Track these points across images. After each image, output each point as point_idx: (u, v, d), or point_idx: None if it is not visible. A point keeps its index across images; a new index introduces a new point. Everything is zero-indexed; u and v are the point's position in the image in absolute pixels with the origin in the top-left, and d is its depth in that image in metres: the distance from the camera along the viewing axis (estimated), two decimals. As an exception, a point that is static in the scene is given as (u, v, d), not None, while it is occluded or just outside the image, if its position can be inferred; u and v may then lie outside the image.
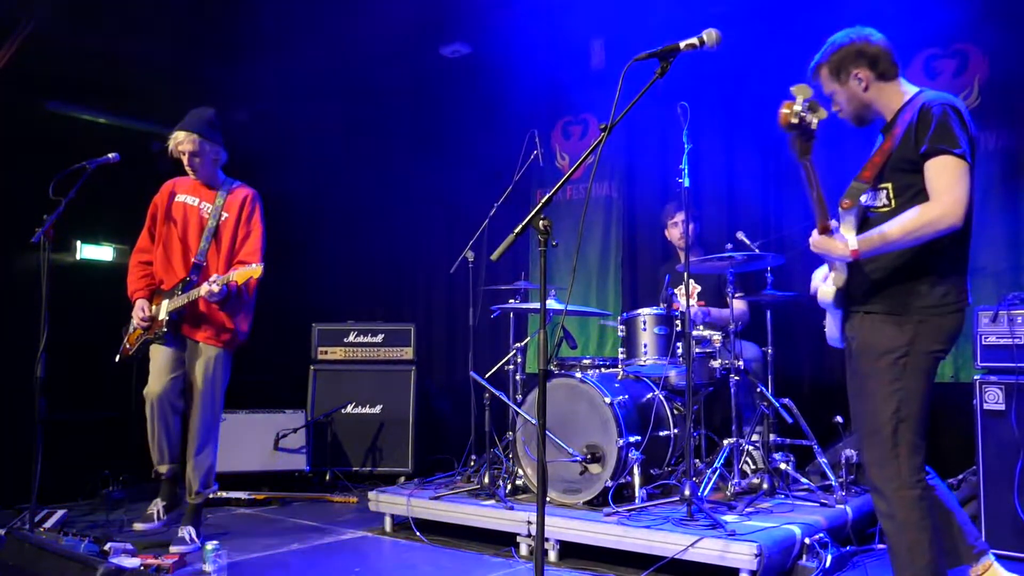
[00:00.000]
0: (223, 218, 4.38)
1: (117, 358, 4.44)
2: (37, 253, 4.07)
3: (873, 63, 2.75)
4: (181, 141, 4.30)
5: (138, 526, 4.27)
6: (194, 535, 4.18)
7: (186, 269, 4.32)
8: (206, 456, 4.31)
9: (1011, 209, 4.61)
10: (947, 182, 2.54)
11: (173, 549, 4.04)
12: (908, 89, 2.78)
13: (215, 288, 4.07)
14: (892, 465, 2.63)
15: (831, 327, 2.96)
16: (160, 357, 4.32)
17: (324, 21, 5.92)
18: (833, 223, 2.72)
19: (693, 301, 5.07)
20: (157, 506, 4.31)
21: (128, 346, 4.43)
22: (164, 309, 4.29)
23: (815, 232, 2.72)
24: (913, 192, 2.63)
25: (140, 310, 4.32)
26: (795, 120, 2.38)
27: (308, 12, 5.78)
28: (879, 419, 2.66)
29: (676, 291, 5.00)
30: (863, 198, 2.71)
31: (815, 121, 2.40)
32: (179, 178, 4.50)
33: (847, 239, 2.64)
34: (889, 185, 2.70)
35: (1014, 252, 4.60)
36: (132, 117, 6.35)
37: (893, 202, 2.69)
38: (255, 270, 4.11)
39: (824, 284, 2.87)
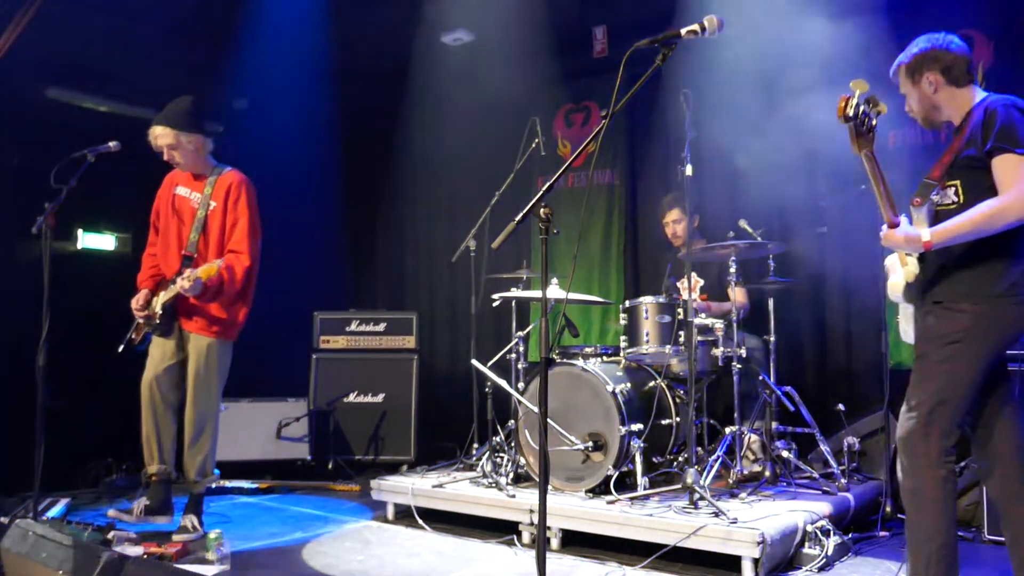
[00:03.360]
0: (211, 207, 4.31)
1: (120, 348, 4.41)
2: (38, 241, 4.07)
3: (947, 69, 2.84)
4: (158, 135, 4.28)
5: (112, 513, 4.19)
6: (196, 523, 4.19)
7: (180, 262, 4.30)
8: (202, 445, 4.26)
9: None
10: (1012, 177, 2.61)
11: (176, 538, 4.05)
12: (978, 94, 2.85)
13: (186, 284, 4.05)
14: (922, 443, 2.69)
15: (904, 324, 3.02)
16: (156, 349, 4.34)
17: (326, 7, 5.90)
18: (903, 219, 2.75)
19: (695, 294, 5.06)
20: (140, 505, 4.23)
21: (134, 337, 4.43)
22: (159, 301, 4.30)
23: (884, 227, 2.77)
24: (981, 189, 2.69)
25: (135, 300, 4.32)
26: (851, 112, 2.49)
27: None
28: (920, 396, 2.73)
29: (679, 283, 4.99)
30: (933, 196, 2.79)
31: (874, 115, 2.51)
32: (178, 170, 4.48)
33: (920, 232, 2.69)
34: (957, 183, 2.77)
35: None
36: (134, 104, 6.33)
37: (961, 198, 2.75)
38: (211, 268, 4.08)
39: (894, 278, 2.94)
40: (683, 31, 2.65)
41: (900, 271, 2.90)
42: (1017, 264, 2.69)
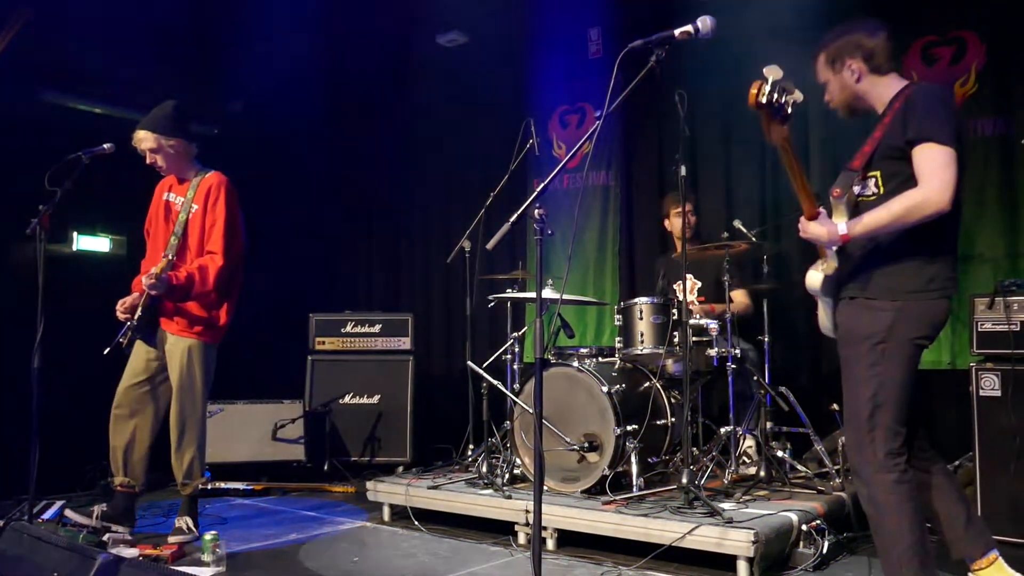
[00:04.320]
0: (193, 210, 4.28)
1: (106, 351, 4.27)
2: (33, 244, 4.06)
3: (869, 56, 2.77)
4: (140, 139, 4.27)
5: (69, 512, 4.15)
6: (192, 525, 4.18)
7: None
8: (186, 449, 4.20)
9: (1007, 196, 4.61)
10: (933, 168, 2.57)
11: (172, 539, 4.05)
12: (900, 82, 2.80)
13: (148, 282, 4.01)
14: (868, 449, 2.65)
15: (823, 316, 2.97)
16: (135, 359, 4.30)
17: (321, 9, 5.90)
18: (822, 211, 2.73)
19: (692, 296, 5.07)
20: (99, 510, 4.16)
21: (122, 340, 4.33)
22: (140, 304, 4.23)
23: (802, 218, 2.73)
24: (901, 179, 2.65)
25: (121, 303, 4.24)
26: (763, 100, 2.40)
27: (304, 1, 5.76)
28: (857, 403, 2.68)
29: (675, 285, 5.00)
30: (854, 187, 2.74)
31: (789, 102, 2.41)
32: (168, 176, 4.47)
33: (837, 224, 2.66)
34: (878, 173, 2.72)
35: (1011, 238, 4.60)
36: (128, 107, 6.32)
37: (882, 189, 2.71)
38: (163, 263, 4.05)
39: (812, 271, 2.88)
40: (677, 32, 2.65)
41: (819, 264, 2.85)
42: (935, 259, 2.66)
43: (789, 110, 2.44)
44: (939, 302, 2.67)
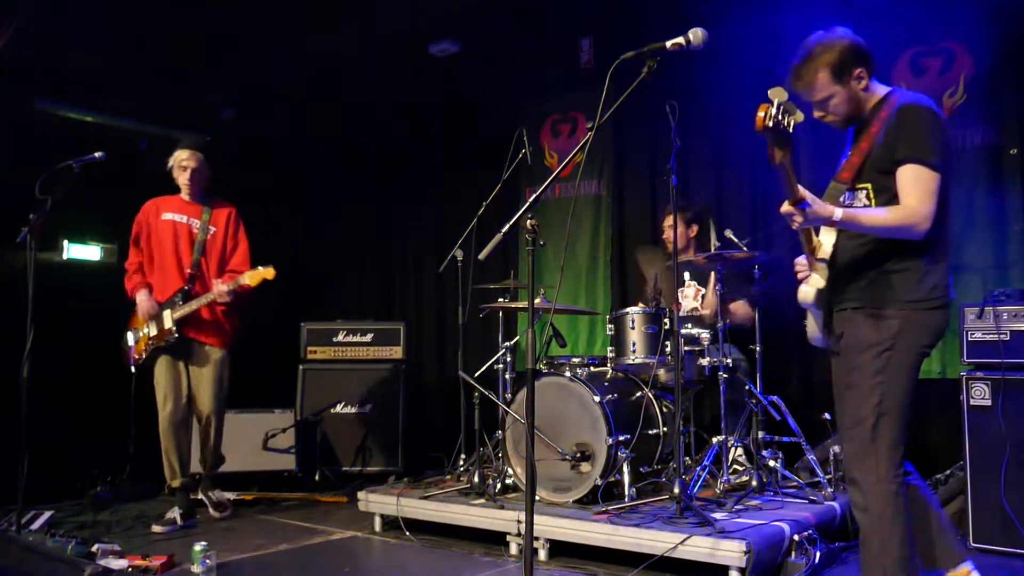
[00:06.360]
0: (211, 232, 4.85)
1: (133, 368, 4.80)
2: (23, 252, 4.05)
3: (868, 62, 2.71)
4: (186, 158, 4.79)
5: (157, 528, 4.55)
6: (179, 518, 4.63)
7: (182, 280, 4.75)
8: (216, 443, 4.94)
9: (996, 206, 4.63)
10: (918, 194, 2.56)
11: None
12: (882, 87, 2.76)
13: (224, 288, 4.57)
14: (871, 459, 2.63)
15: (812, 327, 2.96)
16: (168, 375, 4.74)
17: (311, 19, 5.89)
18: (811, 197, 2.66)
19: (696, 303, 5.08)
20: (175, 512, 4.65)
21: (136, 355, 4.78)
22: (169, 318, 4.69)
23: (787, 205, 2.58)
24: (892, 194, 2.64)
25: (148, 304, 4.70)
26: (771, 123, 2.34)
27: (296, 10, 5.76)
28: (861, 412, 2.66)
29: (681, 291, 5.00)
30: (842, 199, 2.73)
31: (792, 124, 2.38)
32: (160, 198, 4.90)
33: (833, 209, 2.58)
34: (868, 186, 2.70)
35: (999, 248, 4.62)
36: (119, 115, 6.31)
37: (872, 203, 2.69)
38: (267, 271, 4.58)
39: (804, 284, 2.85)
40: (668, 43, 2.66)
41: (810, 276, 2.82)
42: (935, 266, 2.66)
43: (791, 131, 2.40)
44: (942, 311, 2.68)
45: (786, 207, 2.53)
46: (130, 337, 4.87)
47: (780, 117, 2.35)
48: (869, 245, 2.69)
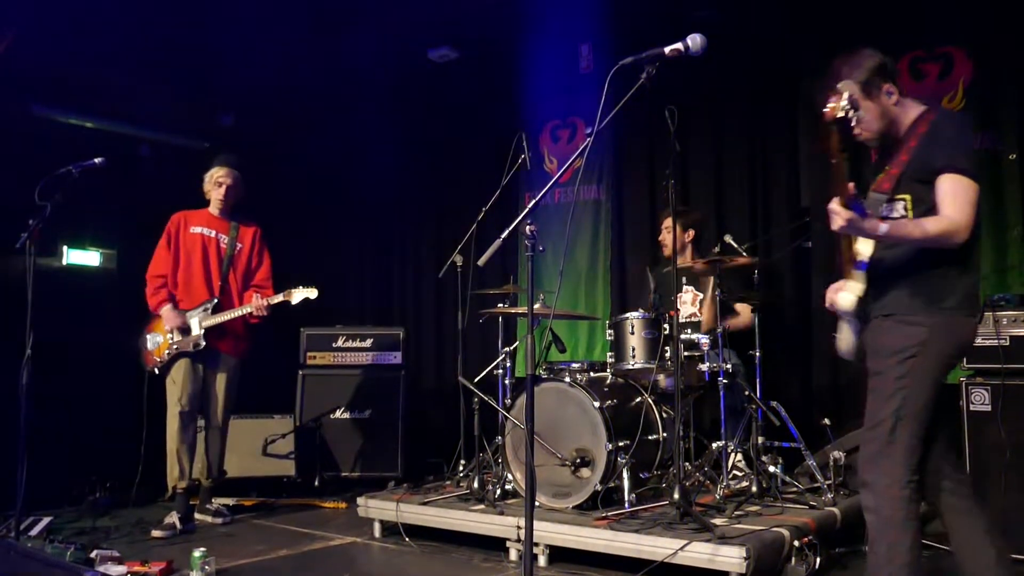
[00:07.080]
0: (238, 248, 5.06)
1: (156, 371, 4.89)
2: (22, 258, 4.05)
3: (894, 76, 2.76)
4: (223, 175, 4.96)
5: (156, 533, 4.56)
6: (178, 523, 4.63)
7: (209, 291, 4.92)
8: (224, 447, 5.05)
9: (994, 211, 4.64)
10: (959, 204, 2.59)
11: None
12: (918, 104, 2.79)
13: (263, 303, 4.82)
14: (886, 462, 2.64)
15: (847, 338, 2.90)
16: (187, 375, 4.84)
17: (313, 24, 5.91)
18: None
19: (694, 308, 5.07)
20: (174, 517, 4.67)
21: (157, 358, 4.86)
22: (197, 325, 4.84)
23: (838, 209, 2.57)
24: (929, 205, 2.66)
25: (175, 317, 4.82)
26: (841, 114, 2.45)
27: (296, 16, 5.77)
28: (880, 415, 2.67)
29: (677, 297, 4.99)
30: (881, 210, 2.74)
31: (857, 119, 2.48)
32: (188, 211, 5.03)
33: (878, 223, 2.59)
34: (908, 197, 2.72)
35: (999, 253, 4.63)
36: (119, 121, 6.31)
37: (910, 214, 2.71)
38: (310, 291, 4.86)
39: (842, 294, 2.83)
40: (667, 49, 2.67)
41: (847, 285, 2.82)
42: (966, 276, 2.68)
43: (853, 123, 2.49)
44: (970, 320, 2.69)
45: (835, 205, 2.54)
46: (149, 340, 4.93)
47: (850, 109, 2.45)
48: (906, 254, 2.71)
